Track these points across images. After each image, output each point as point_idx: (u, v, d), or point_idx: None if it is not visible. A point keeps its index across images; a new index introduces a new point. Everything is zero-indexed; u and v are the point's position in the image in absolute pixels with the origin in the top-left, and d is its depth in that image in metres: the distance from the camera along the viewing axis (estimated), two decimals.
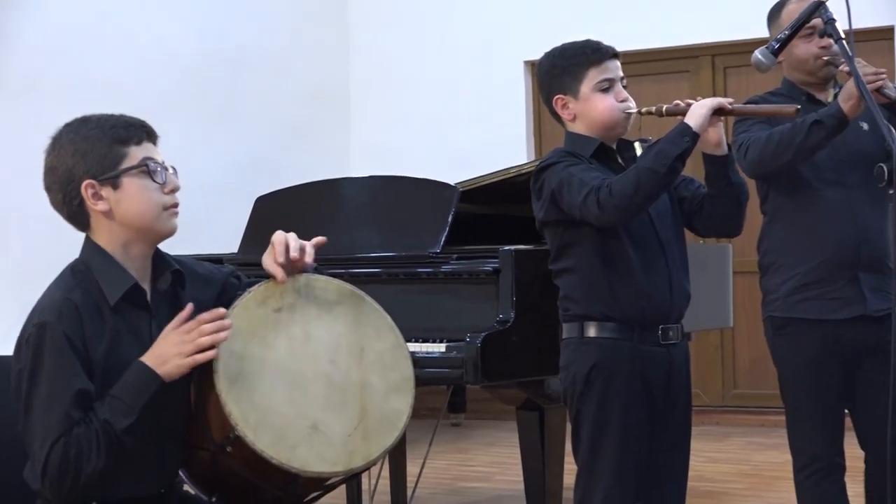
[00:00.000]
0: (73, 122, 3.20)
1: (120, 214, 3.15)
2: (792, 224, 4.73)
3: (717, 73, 10.10)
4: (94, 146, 3.14)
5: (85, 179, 3.12)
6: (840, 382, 4.65)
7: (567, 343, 4.07)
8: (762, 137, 4.54)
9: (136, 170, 3.16)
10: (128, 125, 3.19)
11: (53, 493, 3.03)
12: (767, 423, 9.71)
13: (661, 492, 3.99)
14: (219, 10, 10.47)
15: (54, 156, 3.15)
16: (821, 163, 4.56)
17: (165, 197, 3.20)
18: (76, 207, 3.15)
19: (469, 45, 10.84)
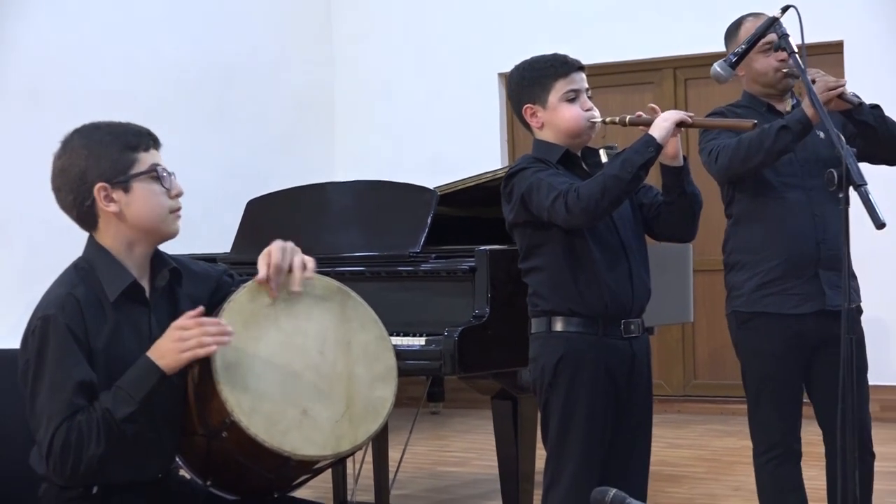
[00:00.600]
0: (83, 127, 3.20)
1: (129, 216, 3.16)
2: (756, 225, 4.75)
3: (678, 85, 10.11)
4: (106, 151, 3.14)
5: (98, 182, 3.12)
6: (800, 374, 4.69)
7: (536, 337, 4.08)
8: (732, 143, 4.56)
9: (145, 175, 3.17)
10: (137, 133, 3.20)
11: (56, 476, 3.03)
12: (726, 411, 9.75)
13: (625, 475, 3.98)
14: (211, 26, 10.44)
15: (66, 159, 3.15)
16: (782, 167, 4.58)
17: (171, 201, 3.22)
18: (87, 208, 3.14)
19: (446, 58, 10.83)
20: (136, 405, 3.00)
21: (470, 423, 9.47)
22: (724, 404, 9.82)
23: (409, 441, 6.70)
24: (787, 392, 4.74)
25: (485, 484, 7.12)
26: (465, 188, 6.28)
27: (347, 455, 3.32)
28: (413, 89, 10.99)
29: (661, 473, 7.13)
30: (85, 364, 3.03)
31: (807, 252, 4.55)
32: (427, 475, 7.59)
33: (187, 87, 10.10)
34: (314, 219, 6.46)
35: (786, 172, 4.55)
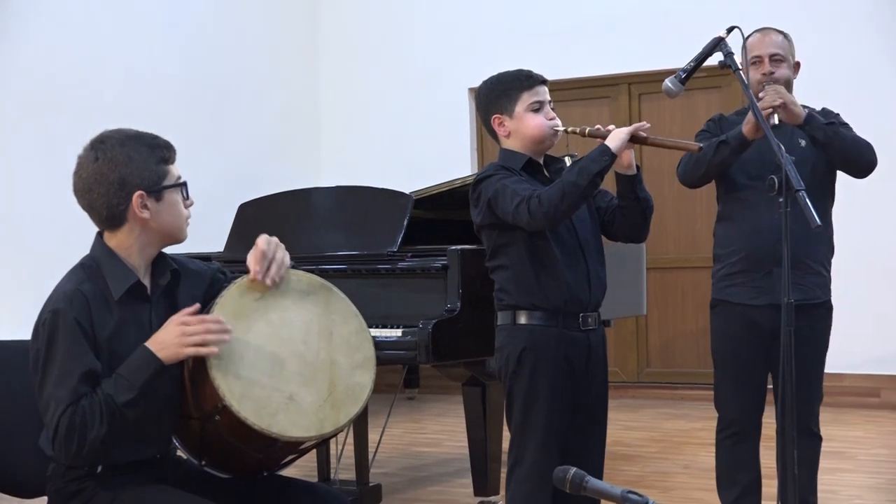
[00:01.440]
0: (116, 135, 3.18)
1: (156, 222, 3.16)
2: (728, 222, 4.82)
3: (632, 99, 10.12)
4: (145, 162, 3.14)
5: (137, 190, 3.11)
6: (760, 358, 4.68)
7: (501, 328, 4.09)
8: (691, 155, 4.65)
9: (174, 186, 3.18)
10: (167, 146, 3.21)
11: (63, 456, 3.03)
12: (675, 396, 9.78)
13: (584, 455, 3.98)
14: (207, 44, 10.43)
15: (103, 164, 3.12)
16: (753, 171, 4.60)
17: (187, 210, 3.24)
18: (119, 211, 3.13)
19: (421, 74, 10.83)
20: (135, 392, 3.00)
21: (442, 407, 9.46)
22: (674, 390, 9.86)
23: (386, 424, 6.69)
24: (746, 374, 4.76)
25: (456, 463, 7.13)
26: (437, 193, 6.30)
27: (330, 436, 3.31)
28: (390, 103, 10.99)
29: (616, 453, 7.14)
30: (90, 354, 3.03)
31: (765, 250, 4.57)
32: (403, 455, 7.59)
33: (185, 100, 10.11)
34: (300, 221, 6.46)
35: (755, 176, 4.56)
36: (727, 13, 5.00)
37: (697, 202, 9.70)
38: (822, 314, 4.76)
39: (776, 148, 3.86)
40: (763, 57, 4.69)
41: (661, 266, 9.65)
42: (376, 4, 11.11)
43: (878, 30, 8.77)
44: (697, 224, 9.84)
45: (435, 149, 10.55)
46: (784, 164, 3.77)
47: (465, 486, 6.27)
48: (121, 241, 3.18)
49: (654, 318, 9.93)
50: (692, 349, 9.93)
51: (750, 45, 4.69)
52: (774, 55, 4.70)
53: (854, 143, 4.62)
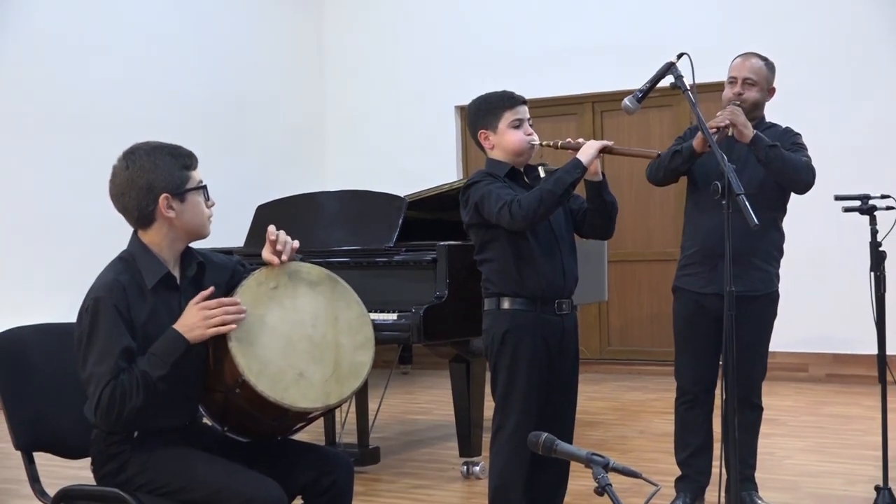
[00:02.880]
0: (143, 146, 3.17)
1: (181, 221, 3.14)
2: (688, 220, 4.89)
3: (596, 116, 10.10)
4: (170, 168, 3.13)
5: (163, 192, 3.10)
6: (710, 338, 4.67)
7: (487, 313, 4.08)
8: (655, 160, 4.70)
9: (196, 189, 3.17)
10: (189, 155, 3.20)
11: (104, 424, 3.02)
12: (633, 371, 9.79)
13: (556, 422, 3.97)
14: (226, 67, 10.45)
15: (133, 171, 3.11)
16: (711, 177, 4.58)
17: (209, 210, 3.22)
18: (148, 211, 3.12)
19: (414, 93, 10.81)
20: (167, 368, 2.99)
21: (432, 381, 9.46)
22: (632, 366, 9.87)
23: (384, 395, 6.69)
24: (699, 352, 4.80)
25: (444, 429, 7.12)
26: (427, 196, 6.29)
27: (335, 407, 3.31)
28: (388, 118, 10.98)
29: (582, 420, 7.13)
30: (127, 336, 3.02)
31: (712, 245, 4.57)
32: (398, 422, 7.59)
33: (207, 116, 10.13)
34: (310, 220, 6.45)
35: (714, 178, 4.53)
36: (678, 42, 4.99)
37: (652, 204, 9.71)
38: (765, 303, 4.77)
39: (720, 158, 3.86)
40: (738, 78, 4.74)
41: (620, 259, 9.65)
42: (374, 35, 11.08)
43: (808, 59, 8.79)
44: (651, 223, 9.85)
45: (425, 158, 10.55)
46: (726, 172, 3.77)
47: (451, 448, 6.25)
48: (152, 238, 3.17)
49: (614, 303, 9.93)
50: (647, 331, 9.94)
51: (731, 65, 4.80)
52: (747, 79, 4.73)
53: (793, 165, 4.61)
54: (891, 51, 8.78)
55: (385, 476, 5.87)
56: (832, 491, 5.21)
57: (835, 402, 7.96)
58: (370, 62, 11.12)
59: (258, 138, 10.70)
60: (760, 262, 4.73)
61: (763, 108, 4.81)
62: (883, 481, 4.67)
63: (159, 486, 3.05)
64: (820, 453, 6.16)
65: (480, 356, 5.44)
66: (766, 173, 4.63)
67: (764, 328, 4.82)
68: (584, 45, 9.95)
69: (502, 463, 4.01)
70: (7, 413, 3.27)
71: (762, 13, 9.17)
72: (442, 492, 5.51)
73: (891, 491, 4.64)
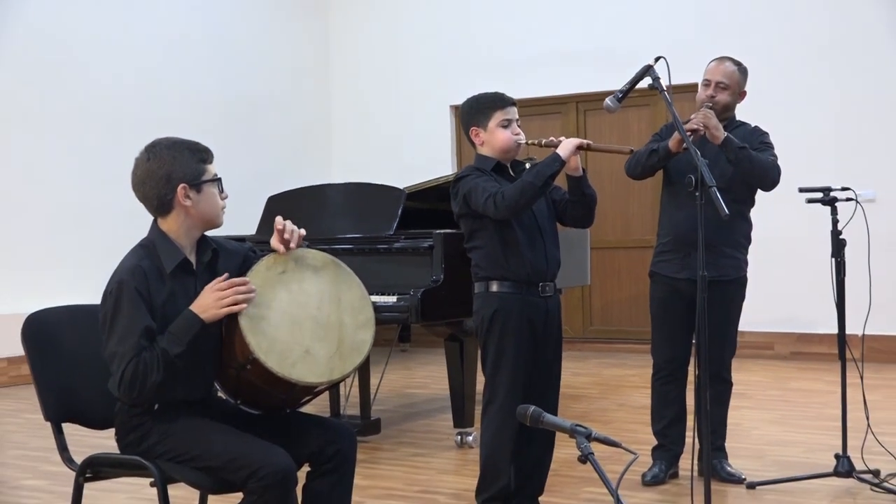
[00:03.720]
0: (164, 141, 3.17)
1: (197, 210, 3.14)
2: (664, 211, 4.88)
3: (579, 115, 10.09)
4: (187, 161, 3.13)
5: (181, 183, 3.10)
6: (684, 319, 4.68)
7: (477, 296, 4.08)
8: (633, 156, 4.69)
9: (211, 181, 3.17)
10: (205, 150, 3.20)
11: (127, 398, 3.02)
12: (613, 349, 9.79)
13: (542, 395, 3.98)
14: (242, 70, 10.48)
15: (154, 162, 3.11)
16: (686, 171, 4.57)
17: (223, 201, 3.22)
18: (167, 200, 3.12)
19: (412, 94, 10.81)
20: (184, 346, 2.99)
21: (429, 358, 9.47)
22: (612, 344, 9.88)
23: (384, 371, 6.70)
24: (673, 331, 4.81)
25: (439, 402, 7.13)
26: (424, 188, 6.29)
27: (339, 381, 3.31)
28: (388, 116, 10.99)
29: (566, 394, 7.15)
30: (148, 316, 3.02)
31: (686, 234, 4.57)
32: (398, 395, 7.59)
33: (223, 114, 10.16)
34: (316, 210, 6.45)
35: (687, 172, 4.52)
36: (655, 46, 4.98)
37: (631, 196, 9.71)
38: (735, 287, 4.79)
39: (694, 155, 3.86)
40: (711, 81, 4.75)
41: (601, 246, 9.65)
42: (376, 42, 11.08)
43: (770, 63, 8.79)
44: (630, 213, 9.85)
45: (422, 153, 10.57)
46: (699, 166, 3.77)
47: (446, 419, 6.26)
48: (170, 226, 3.17)
49: (596, 287, 9.94)
50: (626, 312, 9.95)
51: (707, 68, 4.81)
52: (720, 82, 4.73)
53: (761, 166, 4.62)
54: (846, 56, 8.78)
55: (385, 445, 5.88)
56: (795, 459, 5.22)
57: (798, 377, 7.98)
58: (372, 66, 11.12)
59: (269, 135, 10.73)
60: (730, 250, 4.74)
61: (734, 109, 4.82)
62: (842, 450, 4.68)
63: (178, 454, 3.06)
64: (784, 424, 6.17)
65: (473, 335, 5.45)
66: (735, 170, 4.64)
67: (733, 310, 4.83)
68: (568, 50, 9.95)
69: (492, 433, 4.01)
70: (38, 387, 3.27)
71: (733, 19, 9.18)
72: (437, 459, 5.52)
73: (849, 459, 4.65)
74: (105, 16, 9.26)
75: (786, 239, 8.64)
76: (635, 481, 4.78)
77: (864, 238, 4.78)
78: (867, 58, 8.71)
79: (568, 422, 2.62)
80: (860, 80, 8.73)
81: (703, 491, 3.74)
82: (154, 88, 9.60)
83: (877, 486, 4.54)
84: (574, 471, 4.94)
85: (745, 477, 4.78)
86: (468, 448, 5.68)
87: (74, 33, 9.04)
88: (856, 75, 8.75)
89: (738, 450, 5.26)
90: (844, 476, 4.63)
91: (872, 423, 4.96)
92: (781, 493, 4.60)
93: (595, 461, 2.52)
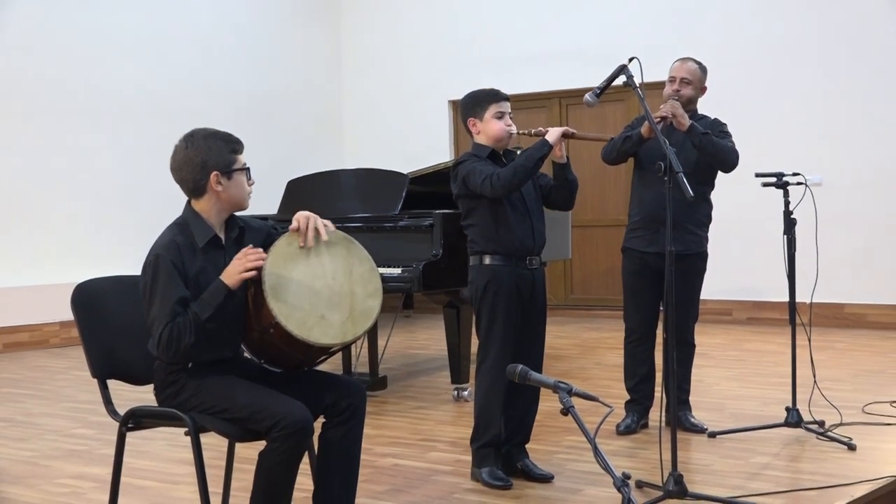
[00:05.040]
0: (200, 132, 3.16)
1: (226, 194, 3.13)
2: (635, 192, 4.84)
3: (562, 109, 10.07)
4: (221, 151, 3.12)
5: (214, 170, 3.09)
6: (652, 288, 4.69)
7: (472, 268, 4.07)
8: (609, 143, 4.71)
9: (241, 170, 3.15)
10: (237, 141, 3.18)
11: (164, 356, 3.03)
12: (591, 315, 9.81)
13: (528, 356, 3.97)
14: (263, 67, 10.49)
15: (191, 150, 3.10)
16: (651, 158, 4.57)
17: (249, 187, 3.20)
18: (201, 185, 3.11)
19: (415, 89, 10.78)
20: (212, 310, 2.99)
21: (429, 322, 9.48)
22: (590, 311, 9.89)
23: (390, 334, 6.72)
24: (643, 299, 4.80)
25: (439, 361, 7.14)
26: (425, 173, 6.28)
27: (351, 343, 3.31)
28: (393, 110, 10.96)
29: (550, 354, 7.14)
30: (182, 286, 3.01)
31: (655, 213, 4.56)
32: (402, 356, 7.61)
33: (248, 107, 10.17)
34: (330, 192, 6.43)
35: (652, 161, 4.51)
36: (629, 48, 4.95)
37: (607, 180, 9.69)
38: (697, 260, 4.78)
39: (663, 142, 3.85)
40: (676, 78, 4.75)
41: (581, 224, 9.63)
42: (382, 42, 11.04)
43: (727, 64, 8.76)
44: (607, 196, 9.84)
45: (423, 142, 10.56)
46: (668, 154, 3.75)
47: (444, 377, 6.28)
48: (202, 207, 3.16)
49: (577, 260, 9.94)
50: (602, 283, 9.96)
51: (671, 67, 4.79)
52: (684, 78, 4.73)
53: (721, 150, 4.62)
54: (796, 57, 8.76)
55: (391, 399, 5.89)
56: (751, 411, 5.24)
57: (753, 339, 7.99)
58: (379, 65, 11.09)
59: (289, 126, 10.72)
60: (693, 227, 4.74)
61: (696, 102, 4.81)
62: (792, 403, 4.69)
63: (209, 406, 3.06)
64: (741, 381, 6.18)
65: (468, 303, 5.45)
66: (698, 155, 4.63)
67: (696, 280, 4.83)
68: (552, 51, 9.93)
69: (485, 388, 4.01)
70: (86, 348, 3.27)
71: (697, 25, 9.15)
72: (437, 412, 5.53)
73: (798, 411, 4.67)
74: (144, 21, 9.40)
75: (743, 218, 8.65)
76: (610, 431, 4.79)
77: (812, 217, 4.78)
78: (813, 58, 8.70)
79: (551, 379, 2.62)
80: (809, 77, 8.72)
81: (670, 439, 3.76)
82: (187, 85, 9.63)
83: (822, 435, 4.56)
84: (557, 421, 4.95)
85: (707, 427, 4.79)
86: (464, 402, 5.69)
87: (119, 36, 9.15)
88: (805, 73, 8.74)
89: (701, 403, 5.27)
90: (794, 426, 4.65)
91: (818, 380, 4.99)
92: (738, 441, 4.61)
93: (575, 413, 2.52)
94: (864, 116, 8.54)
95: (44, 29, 8.61)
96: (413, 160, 8.97)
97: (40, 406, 5.98)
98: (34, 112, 8.56)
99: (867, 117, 8.53)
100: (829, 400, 4.95)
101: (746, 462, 4.24)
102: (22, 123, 8.49)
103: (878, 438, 4.56)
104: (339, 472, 3.19)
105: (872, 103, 8.50)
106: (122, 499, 3.41)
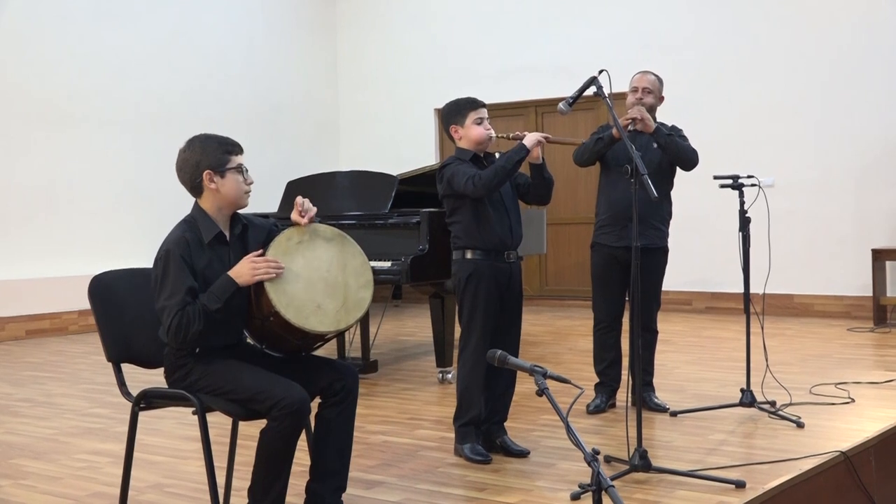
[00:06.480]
0: (199, 136, 3.14)
1: (222, 192, 3.10)
2: (603, 192, 4.83)
3: (538, 117, 10.06)
4: (215, 152, 3.09)
5: (206, 170, 3.07)
6: (619, 280, 4.70)
7: (455, 261, 4.05)
8: (580, 147, 4.73)
9: (234, 169, 3.12)
10: (233, 143, 3.15)
11: (174, 343, 3.01)
12: (563, 304, 9.81)
13: (506, 342, 3.96)
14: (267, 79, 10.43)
15: (188, 153, 3.09)
16: (618, 160, 4.58)
17: (246, 186, 3.17)
18: (197, 183, 3.09)
19: (404, 99, 10.77)
20: (221, 303, 2.97)
21: (417, 311, 9.47)
22: (563, 301, 9.90)
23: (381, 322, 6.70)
24: (611, 290, 4.79)
25: (425, 346, 7.13)
26: (413, 175, 6.26)
27: (344, 330, 3.28)
28: (384, 117, 10.95)
29: (526, 341, 7.17)
30: (191, 278, 2.99)
31: (622, 211, 4.56)
32: (391, 342, 7.59)
33: (254, 116, 10.17)
34: (327, 192, 6.42)
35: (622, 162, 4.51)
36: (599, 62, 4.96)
37: (579, 182, 9.70)
38: (660, 254, 4.78)
39: (629, 146, 3.84)
40: (638, 88, 4.76)
41: (555, 222, 9.64)
42: (375, 56, 11.02)
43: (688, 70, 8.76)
44: (578, 196, 9.84)
45: (412, 147, 10.55)
46: (634, 158, 3.75)
47: (430, 361, 6.27)
48: (206, 205, 3.13)
49: (551, 254, 9.95)
50: (574, 275, 9.96)
51: (632, 79, 4.79)
52: (646, 88, 4.75)
53: (684, 150, 4.64)
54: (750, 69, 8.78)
55: (381, 381, 5.88)
56: (709, 392, 5.25)
57: (711, 327, 8.01)
58: (372, 78, 11.08)
59: (289, 132, 10.69)
60: (657, 224, 4.74)
61: (656, 110, 4.81)
62: (746, 385, 4.70)
63: (215, 388, 3.04)
64: (700, 365, 6.20)
65: (452, 293, 5.44)
66: (661, 157, 4.64)
67: (659, 273, 4.83)
68: (529, 64, 9.92)
69: (467, 372, 4.00)
70: (102, 334, 3.25)
71: (660, 41, 9.17)
72: (423, 393, 5.52)
73: (752, 392, 4.68)
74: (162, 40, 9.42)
75: (702, 216, 8.68)
76: (581, 411, 4.79)
77: (765, 216, 4.80)
78: (764, 69, 8.72)
79: (527, 363, 2.62)
80: (762, 87, 8.75)
81: (636, 418, 3.76)
82: (197, 95, 9.61)
83: (773, 414, 4.56)
84: (532, 402, 4.95)
85: (669, 407, 4.80)
86: (448, 383, 5.68)
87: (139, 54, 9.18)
88: (758, 84, 8.77)
89: (664, 385, 5.28)
90: (748, 406, 4.66)
91: (770, 364, 5.01)
92: (698, 419, 4.62)
93: (549, 394, 2.52)
94: (812, 125, 8.58)
95: (74, 49, 8.73)
96: (402, 163, 8.97)
97: (60, 388, 5.95)
98: (66, 121, 8.65)
99: (815, 125, 8.56)
100: (780, 382, 4.97)
101: (705, 439, 4.24)
102: (52, 132, 8.60)
103: (824, 417, 4.58)
104: (334, 448, 3.18)
105: (819, 113, 8.53)
106: (134, 472, 3.40)
